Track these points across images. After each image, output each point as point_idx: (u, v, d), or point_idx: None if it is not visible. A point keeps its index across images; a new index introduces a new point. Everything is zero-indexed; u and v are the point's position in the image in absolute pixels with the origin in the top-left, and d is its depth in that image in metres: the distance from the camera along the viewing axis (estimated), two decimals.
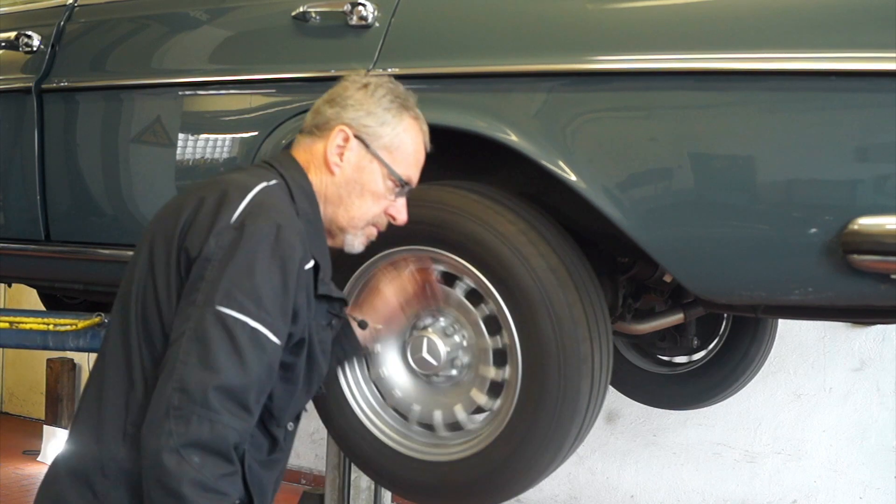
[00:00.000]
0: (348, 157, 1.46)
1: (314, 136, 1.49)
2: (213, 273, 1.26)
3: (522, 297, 1.61)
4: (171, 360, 1.25)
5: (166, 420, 1.21)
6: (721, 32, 1.47)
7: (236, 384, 1.24)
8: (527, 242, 1.61)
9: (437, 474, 1.76)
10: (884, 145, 1.35)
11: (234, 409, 1.24)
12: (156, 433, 1.21)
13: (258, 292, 1.26)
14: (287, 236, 1.30)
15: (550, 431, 1.62)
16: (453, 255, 1.67)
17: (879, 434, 3.57)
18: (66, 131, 2.26)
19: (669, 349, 2.92)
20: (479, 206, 1.67)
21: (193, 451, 1.20)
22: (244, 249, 1.27)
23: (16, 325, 2.53)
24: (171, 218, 1.35)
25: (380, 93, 1.48)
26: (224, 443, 1.23)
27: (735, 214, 1.46)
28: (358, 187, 1.47)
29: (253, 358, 1.25)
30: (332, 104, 1.48)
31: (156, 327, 1.32)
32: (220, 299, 1.25)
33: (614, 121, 1.56)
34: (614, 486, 4.12)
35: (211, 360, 1.22)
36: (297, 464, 4.96)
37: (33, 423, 6.04)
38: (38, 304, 3.72)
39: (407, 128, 1.49)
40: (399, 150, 1.48)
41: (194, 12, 2.09)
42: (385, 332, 1.76)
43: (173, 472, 1.19)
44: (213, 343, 1.23)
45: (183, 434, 1.20)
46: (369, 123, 1.46)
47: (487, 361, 1.71)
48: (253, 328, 1.25)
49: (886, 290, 1.38)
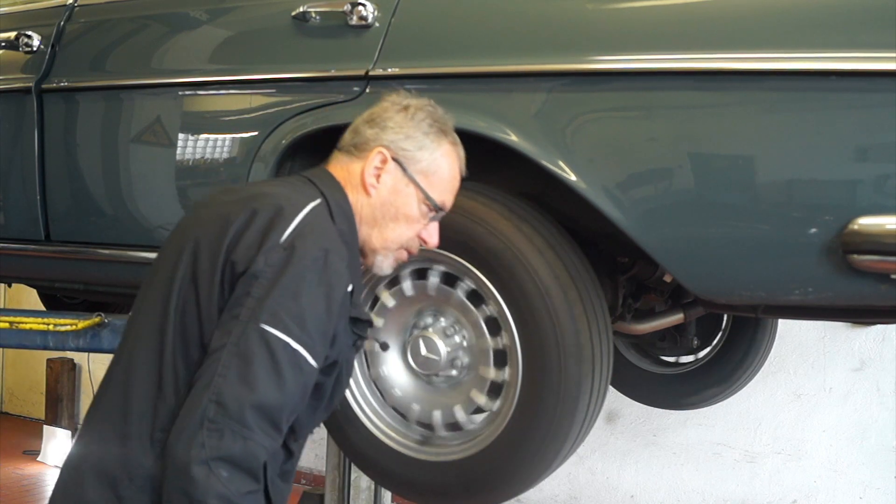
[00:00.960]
0: (385, 179, 1.46)
1: (352, 156, 1.49)
2: (259, 291, 1.26)
3: (523, 297, 1.61)
4: (208, 372, 1.24)
5: (199, 431, 1.20)
6: (721, 32, 1.46)
7: (272, 403, 1.24)
8: (527, 242, 1.61)
9: (437, 474, 1.76)
10: (884, 145, 1.35)
11: (267, 427, 1.24)
12: (187, 443, 1.21)
13: (303, 315, 1.26)
14: (335, 263, 1.31)
15: (550, 432, 1.62)
16: (454, 255, 1.67)
17: (879, 434, 3.57)
18: (66, 131, 2.26)
19: (669, 349, 2.92)
20: (479, 207, 1.67)
21: (223, 466, 1.20)
22: (293, 270, 1.27)
23: (16, 325, 2.53)
24: (217, 226, 1.34)
25: (420, 116, 1.48)
26: (254, 461, 1.23)
27: (735, 214, 1.46)
28: (393, 210, 1.47)
29: (291, 379, 1.25)
30: (371, 125, 1.48)
31: (194, 336, 1.31)
32: (265, 318, 1.25)
33: (614, 121, 1.56)
34: (614, 486, 4.12)
35: (251, 376, 1.22)
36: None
37: (33, 423, 6.04)
38: (38, 304, 3.72)
39: (445, 153, 1.49)
40: (436, 175, 1.48)
41: (194, 12, 2.09)
42: None
43: (201, 484, 1.18)
44: (255, 360, 1.23)
45: (215, 447, 1.19)
46: (408, 147, 1.46)
47: (488, 362, 1.71)
48: (294, 349, 1.26)
49: (886, 290, 1.38)
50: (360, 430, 1.85)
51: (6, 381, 6.67)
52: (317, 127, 1.75)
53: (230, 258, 1.30)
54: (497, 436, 1.69)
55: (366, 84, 1.74)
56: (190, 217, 1.44)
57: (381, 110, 1.49)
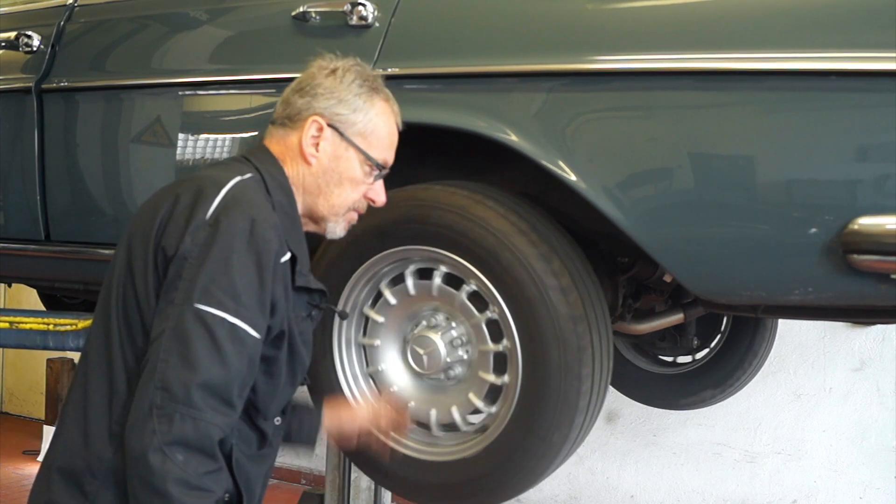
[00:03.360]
0: (324, 147, 1.46)
1: (287, 128, 1.48)
2: (190, 271, 1.27)
3: (523, 298, 1.61)
4: (152, 360, 1.26)
5: (149, 419, 1.22)
6: (721, 32, 1.46)
7: (218, 380, 1.25)
8: (527, 243, 1.61)
9: (437, 474, 1.76)
10: (884, 145, 1.35)
11: (217, 405, 1.25)
12: (139, 432, 1.22)
13: (235, 288, 1.27)
14: (261, 230, 1.31)
15: (550, 432, 1.62)
16: (454, 255, 1.67)
17: (879, 434, 3.57)
18: (66, 131, 2.26)
19: (669, 349, 2.93)
20: (479, 207, 1.67)
21: (177, 450, 1.21)
22: (219, 245, 1.28)
23: (16, 325, 2.53)
24: (147, 216, 1.36)
25: (349, 77, 1.47)
26: (208, 440, 1.24)
27: (735, 214, 1.46)
28: (336, 176, 1.47)
29: (233, 353, 1.26)
30: (301, 93, 1.47)
31: (137, 326, 1.32)
32: (198, 297, 1.25)
33: (614, 121, 1.56)
34: (614, 486, 4.12)
35: (191, 357, 1.23)
36: (297, 464, 4.96)
37: (33, 423, 6.03)
38: (38, 304, 3.72)
39: (380, 111, 1.48)
40: (374, 134, 1.48)
41: (194, 12, 2.09)
42: (333, 438, 1.79)
43: (158, 470, 1.20)
44: (193, 341, 1.24)
45: (167, 433, 1.21)
46: (342, 111, 1.46)
47: (488, 362, 1.71)
48: (232, 324, 1.26)
49: (886, 290, 1.38)
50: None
51: (6, 381, 6.67)
52: None
53: (160, 244, 1.31)
54: (497, 436, 1.68)
55: None
56: (133, 214, 1.45)
57: (308, 77, 1.48)
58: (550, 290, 1.59)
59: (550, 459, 1.66)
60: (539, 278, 1.60)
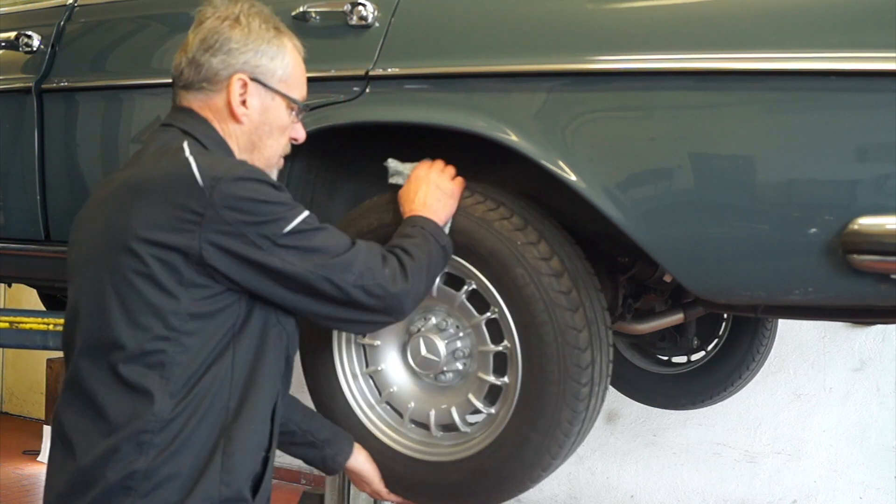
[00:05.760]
0: (252, 102, 1.46)
1: (206, 91, 1.47)
2: (245, 239, 1.31)
3: (523, 298, 1.61)
4: (323, 310, 1.40)
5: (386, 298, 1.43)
6: (721, 32, 1.46)
7: (351, 250, 1.41)
8: (527, 243, 1.61)
9: (437, 474, 1.76)
10: (884, 145, 1.34)
11: (375, 260, 1.44)
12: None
13: (279, 206, 1.35)
14: (249, 166, 1.38)
15: (550, 432, 1.62)
16: (454, 255, 1.67)
17: (879, 434, 3.57)
18: (66, 131, 2.26)
19: (669, 349, 2.93)
20: (479, 207, 1.67)
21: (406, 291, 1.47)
22: (235, 196, 1.30)
23: (16, 325, 2.53)
24: (110, 219, 1.37)
25: (254, 24, 1.47)
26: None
27: (735, 214, 1.46)
28: (267, 128, 1.49)
29: (331, 231, 1.42)
30: (212, 52, 1.45)
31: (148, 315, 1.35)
32: (274, 240, 1.32)
33: (614, 121, 1.56)
34: (614, 486, 4.12)
35: (336, 258, 1.37)
36: (297, 464, 4.96)
37: (33, 423, 6.04)
38: (38, 304, 3.72)
39: (290, 51, 1.51)
40: (291, 76, 1.51)
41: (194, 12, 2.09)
42: (353, 477, 1.84)
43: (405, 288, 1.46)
44: (318, 252, 1.36)
45: (402, 282, 1.44)
46: (261, 62, 1.46)
47: (487, 363, 1.71)
48: (305, 218, 1.37)
49: (886, 290, 1.38)
50: (358, 428, 1.85)
51: (6, 381, 6.67)
52: (317, 127, 1.74)
53: (162, 257, 1.30)
54: (496, 436, 1.68)
55: (366, 84, 1.74)
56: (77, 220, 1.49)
57: (212, 32, 1.47)
58: (550, 290, 1.59)
59: (550, 460, 1.66)
60: (539, 278, 1.60)
